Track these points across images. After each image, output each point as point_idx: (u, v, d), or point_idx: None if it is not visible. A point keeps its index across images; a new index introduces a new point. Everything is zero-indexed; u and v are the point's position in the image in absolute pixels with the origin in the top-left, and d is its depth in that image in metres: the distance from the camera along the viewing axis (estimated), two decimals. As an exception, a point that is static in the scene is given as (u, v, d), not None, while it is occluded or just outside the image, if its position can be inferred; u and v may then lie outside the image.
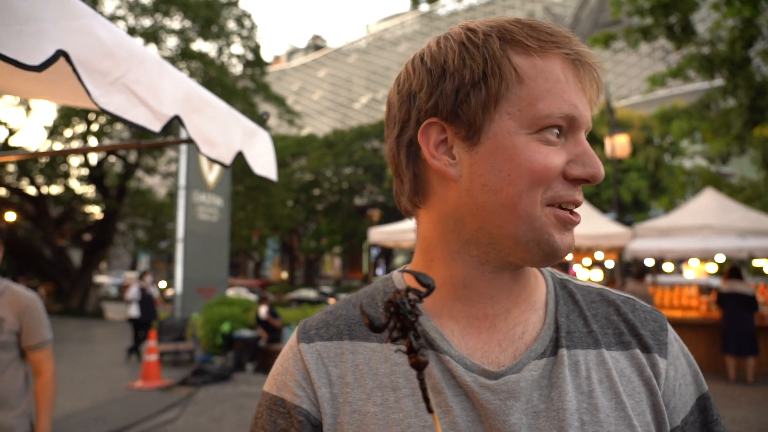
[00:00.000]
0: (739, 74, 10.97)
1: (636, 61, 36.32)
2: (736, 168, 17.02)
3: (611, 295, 0.73)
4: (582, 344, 0.67)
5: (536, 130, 0.62)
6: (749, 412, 6.30)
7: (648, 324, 0.70)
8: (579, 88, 0.64)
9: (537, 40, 0.64)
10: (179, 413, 6.65)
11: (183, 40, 19.89)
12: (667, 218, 9.43)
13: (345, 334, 0.70)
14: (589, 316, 0.69)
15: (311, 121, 50.13)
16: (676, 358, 0.69)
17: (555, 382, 0.63)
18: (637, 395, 0.65)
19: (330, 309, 0.74)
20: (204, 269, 13.11)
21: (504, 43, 0.64)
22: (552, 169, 0.62)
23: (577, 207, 0.66)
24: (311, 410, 0.67)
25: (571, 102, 0.63)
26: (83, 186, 22.96)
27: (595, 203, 17.90)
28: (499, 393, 0.62)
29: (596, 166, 0.64)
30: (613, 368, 0.65)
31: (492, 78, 0.63)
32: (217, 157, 1.76)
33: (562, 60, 0.64)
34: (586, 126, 0.65)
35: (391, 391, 0.65)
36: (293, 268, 37.23)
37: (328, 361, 0.68)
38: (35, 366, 2.28)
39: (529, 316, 0.68)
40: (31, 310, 2.23)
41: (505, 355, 0.66)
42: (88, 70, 1.17)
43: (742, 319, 7.89)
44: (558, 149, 0.63)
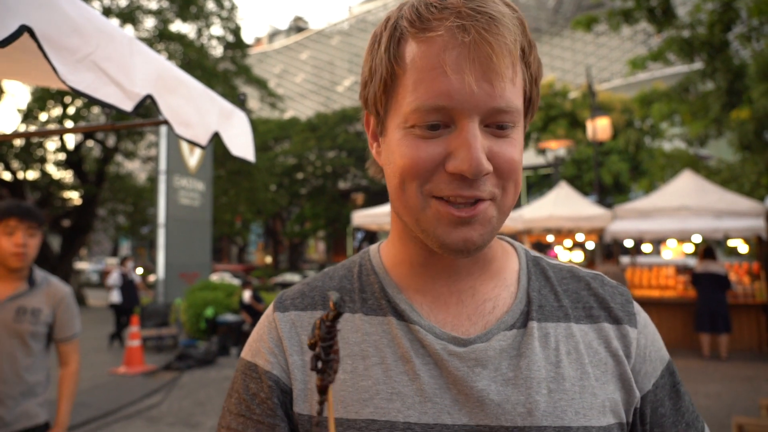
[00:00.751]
0: (717, 57, 11.09)
1: (618, 44, 36.46)
2: (714, 150, 17.30)
3: (581, 272, 0.76)
4: (552, 318, 0.69)
5: (410, 124, 0.61)
6: (722, 387, 6.51)
7: (616, 297, 0.73)
8: (460, 69, 0.57)
9: (420, 21, 0.60)
10: (163, 398, 6.64)
11: (161, 21, 19.40)
12: (646, 200, 9.57)
13: (319, 305, 0.72)
14: (560, 291, 0.72)
15: (294, 105, 49.55)
16: (644, 327, 0.71)
17: (524, 352, 0.65)
18: (603, 366, 0.67)
19: (307, 281, 0.77)
20: (186, 254, 12.99)
21: (395, 32, 0.62)
22: (420, 164, 0.60)
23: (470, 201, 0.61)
24: (281, 376, 0.68)
25: (442, 91, 0.58)
26: (61, 171, 22.47)
27: (577, 185, 18.09)
28: (467, 360, 0.64)
29: (467, 161, 0.58)
30: (581, 341, 0.68)
31: (381, 70, 0.63)
32: (193, 138, 1.73)
33: (445, 38, 0.58)
34: (474, 112, 0.58)
35: (360, 360, 0.67)
36: (277, 253, 37.10)
37: (301, 330, 0.70)
38: (62, 357, 2.35)
39: (500, 292, 0.71)
40: (65, 303, 2.29)
41: (475, 327, 0.68)
42: (54, 47, 1.14)
43: (715, 297, 8.11)
44: (435, 141, 0.60)
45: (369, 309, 0.70)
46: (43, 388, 2.25)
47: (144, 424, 5.64)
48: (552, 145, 16.07)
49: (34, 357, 2.19)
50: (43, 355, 2.26)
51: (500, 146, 0.61)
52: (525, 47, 0.61)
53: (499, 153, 0.61)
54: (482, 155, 0.58)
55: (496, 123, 0.60)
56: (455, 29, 0.57)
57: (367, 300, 0.71)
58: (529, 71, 0.63)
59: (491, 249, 0.71)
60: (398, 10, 0.64)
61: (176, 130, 1.64)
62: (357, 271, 0.75)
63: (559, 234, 10.68)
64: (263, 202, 25.62)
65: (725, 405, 5.76)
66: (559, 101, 20.52)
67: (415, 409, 0.63)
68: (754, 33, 10.62)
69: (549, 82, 21.24)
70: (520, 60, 0.61)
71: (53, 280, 2.30)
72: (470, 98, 0.58)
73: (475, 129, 0.59)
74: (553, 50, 39.61)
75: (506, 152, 0.61)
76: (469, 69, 0.57)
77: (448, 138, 0.60)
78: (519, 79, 0.61)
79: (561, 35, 40.20)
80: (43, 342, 2.25)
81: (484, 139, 0.60)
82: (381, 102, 0.65)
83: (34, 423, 2.18)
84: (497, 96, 0.58)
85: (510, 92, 0.59)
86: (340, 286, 0.74)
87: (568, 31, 38.32)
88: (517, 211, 10.17)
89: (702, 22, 10.93)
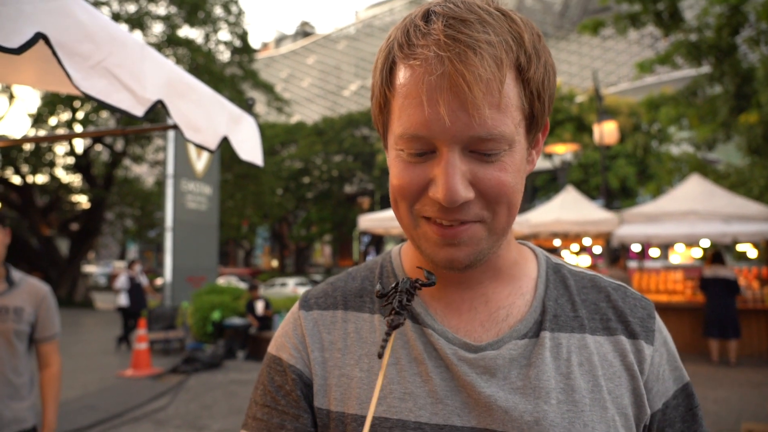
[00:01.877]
0: (725, 61, 11.04)
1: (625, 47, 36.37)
2: (722, 154, 17.19)
3: (603, 282, 0.75)
4: (566, 328, 0.68)
5: (399, 148, 0.63)
6: (731, 393, 6.45)
7: (637, 311, 0.71)
8: (435, 101, 0.57)
9: (407, 45, 0.60)
10: (170, 400, 6.67)
11: (169, 26, 19.58)
12: (654, 204, 9.52)
13: (340, 305, 0.75)
14: (578, 301, 0.71)
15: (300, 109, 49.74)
16: (661, 345, 0.70)
17: (534, 361, 0.65)
18: (617, 379, 0.66)
19: (331, 281, 0.80)
20: (193, 258, 13.05)
21: (389, 54, 0.63)
22: (407, 186, 0.62)
23: (458, 222, 0.61)
24: (304, 370, 0.71)
25: (420, 122, 0.59)
26: (69, 175, 22.67)
27: (584, 190, 18.04)
28: (476, 367, 0.65)
29: (442, 191, 0.59)
30: (595, 352, 0.67)
31: (376, 93, 0.66)
32: (202, 143, 1.75)
33: (424, 68, 0.58)
34: (452, 142, 0.59)
35: (377, 359, 0.69)
36: (283, 257, 37.17)
37: (322, 328, 0.73)
38: (43, 358, 2.30)
39: (515, 300, 0.71)
40: (47, 302, 2.27)
41: (488, 334, 0.68)
42: (68, 53, 1.16)
43: (724, 302, 8.04)
44: (421, 166, 0.61)
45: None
46: (28, 390, 2.21)
47: (151, 426, 5.66)
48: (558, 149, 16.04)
49: (19, 358, 2.16)
50: (27, 356, 2.23)
51: (486, 171, 0.60)
52: (523, 63, 0.59)
53: (484, 178, 0.60)
54: (458, 184, 0.58)
55: (480, 150, 0.59)
56: (432, 59, 0.57)
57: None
58: (529, 87, 0.61)
59: (504, 256, 0.71)
60: (396, 29, 0.64)
61: (186, 134, 1.66)
62: (378, 273, 0.77)
63: (565, 238, 10.64)
64: (270, 206, 25.72)
65: (734, 411, 5.71)
66: (566, 105, 20.49)
67: (427, 409, 0.64)
68: (763, 36, 10.56)
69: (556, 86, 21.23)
70: (515, 79, 0.60)
71: (32, 280, 2.27)
72: (446, 129, 0.58)
73: (454, 158, 0.59)
74: (560, 54, 39.55)
75: (492, 177, 0.60)
76: (443, 100, 0.57)
77: (432, 163, 0.61)
78: (511, 100, 0.59)
79: (567, 39, 40.15)
80: (26, 342, 2.21)
81: (468, 165, 0.60)
82: (379, 121, 0.68)
83: (21, 428, 2.15)
84: (476, 125, 0.57)
85: (493, 119, 0.58)
86: (361, 287, 0.76)
87: (574, 35, 38.25)
88: (524, 216, 10.15)
89: (710, 26, 10.89)
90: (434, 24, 0.58)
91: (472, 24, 0.57)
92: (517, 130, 0.61)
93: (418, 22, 0.60)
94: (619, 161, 19.47)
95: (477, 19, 0.58)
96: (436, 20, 0.58)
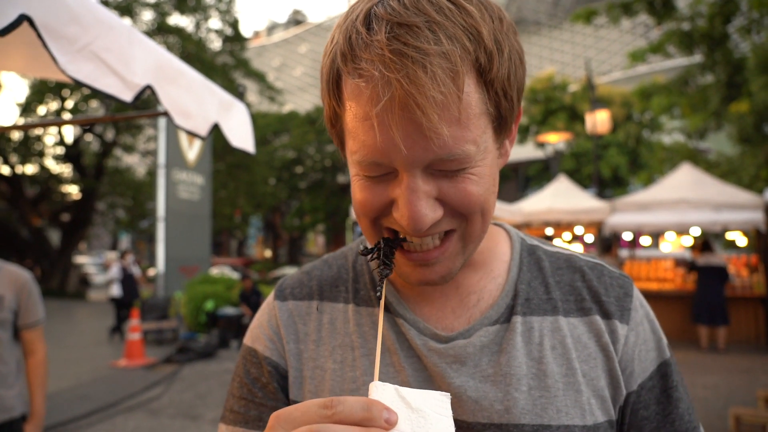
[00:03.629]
0: (717, 50, 11.06)
1: (617, 36, 36.34)
2: (713, 144, 17.29)
3: (579, 262, 0.72)
4: (539, 311, 0.67)
5: (356, 171, 0.59)
6: (720, 379, 6.54)
7: (613, 290, 0.69)
8: (387, 128, 0.52)
9: (351, 56, 0.54)
10: (164, 390, 6.67)
11: (159, 13, 19.32)
12: (645, 193, 9.58)
13: (315, 295, 0.74)
14: (551, 283, 0.69)
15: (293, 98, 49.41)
16: (638, 324, 0.68)
17: (505, 348, 0.64)
18: (592, 361, 0.65)
19: (307, 269, 0.78)
20: (186, 248, 13.00)
21: (334, 64, 0.57)
22: (369, 206, 0.59)
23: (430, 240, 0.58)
24: (280, 362, 0.71)
25: (375, 148, 0.54)
26: (59, 165, 22.43)
27: (576, 179, 18.10)
28: (445, 357, 0.64)
29: (406, 218, 0.55)
30: (569, 335, 0.66)
31: (325, 106, 0.60)
32: (193, 129, 1.73)
33: (371, 89, 0.52)
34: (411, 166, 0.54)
35: (350, 350, 0.68)
36: (276, 246, 37.11)
37: (297, 319, 0.72)
38: (28, 345, 2.28)
39: (486, 284, 0.69)
40: (28, 289, 2.23)
41: (459, 321, 0.67)
42: (53, 36, 1.14)
43: (715, 290, 8.14)
44: (383, 185, 0.57)
45: (360, 300, 0.71)
46: (14, 378, 2.19)
47: (145, 416, 5.66)
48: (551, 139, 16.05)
49: (3, 346, 2.14)
50: (12, 344, 2.21)
51: (453, 186, 0.56)
52: (483, 64, 0.53)
53: (452, 193, 0.56)
54: (423, 209, 0.55)
55: (445, 169, 0.55)
56: (380, 81, 0.51)
57: (359, 290, 0.72)
58: (493, 88, 0.55)
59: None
60: (338, 30, 0.57)
61: (176, 120, 1.64)
62: (352, 260, 0.76)
63: (558, 227, 10.69)
64: (262, 196, 25.62)
65: (723, 396, 5.80)
66: (559, 94, 20.49)
67: None
68: (755, 25, 10.59)
69: (548, 75, 21.19)
70: (476, 83, 0.54)
71: (10, 267, 2.23)
72: (403, 156, 0.53)
73: (415, 182, 0.54)
74: (553, 43, 39.47)
75: (460, 191, 0.56)
76: (395, 127, 0.52)
77: (394, 184, 0.57)
78: (473, 110, 0.54)
79: (560, 28, 40.05)
80: (10, 330, 2.19)
81: (432, 183, 0.56)
82: (332, 134, 0.63)
83: (10, 416, 2.13)
84: (435, 148, 0.52)
85: (454, 138, 0.53)
86: (337, 275, 0.75)
87: (567, 24, 38.16)
88: (517, 204, 10.18)
89: (702, 15, 10.90)
90: (377, 34, 0.51)
91: (420, 31, 0.50)
92: (482, 138, 0.56)
93: (360, 28, 0.53)
94: (611, 150, 19.54)
95: (425, 23, 0.51)
96: (378, 28, 0.51)
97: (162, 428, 5.25)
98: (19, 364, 2.27)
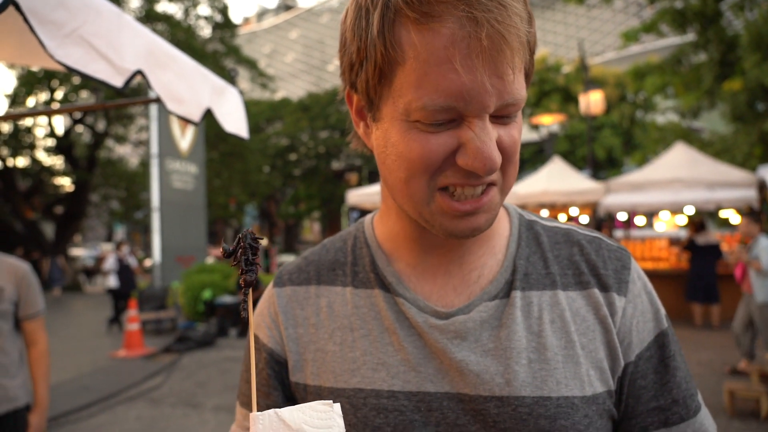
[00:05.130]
0: (710, 28, 11.02)
1: (610, 16, 36.12)
2: (707, 123, 17.31)
3: (577, 236, 0.72)
4: (538, 286, 0.67)
5: (414, 119, 0.57)
6: (714, 355, 6.64)
7: (611, 263, 0.69)
8: (473, 67, 0.52)
9: (419, 2, 0.53)
10: (164, 379, 6.71)
11: (147, 1, 19.03)
12: (639, 173, 9.61)
13: (313, 279, 0.75)
14: (550, 257, 0.70)
15: (285, 85, 49.01)
16: (636, 296, 0.68)
17: (505, 322, 0.65)
18: (591, 333, 0.66)
19: (306, 254, 0.79)
20: (181, 238, 12.97)
21: (388, 12, 0.55)
22: (431, 158, 0.58)
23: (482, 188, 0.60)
24: (275, 348, 0.73)
25: (453, 91, 0.53)
26: (51, 157, 22.24)
27: (570, 161, 18.11)
28: (446, 333, 0.65)
29: (481, 160, 0.56)
30: (567, 308, 0.66)
31: (374, 56, 0.57)
32: (185, 114, 1.72)
33: (453, 30, 0.52)
34: (487, 110, 0.55)
35: (349, 332, 0.69)
36: (272, 234, 37.08)
37: (295, 304, 0.74)
38: (29, 336, 2.29)
39: (487, 261, 0.70)
40: (27, 280, 2.24)
41: (460, 298, 0.68)
42: (40, 21, 1.12)
43: (710, 268, 8.24)
44: (445, 134, 0.57)
45: (359, 282, 0.72)
46: (17, 368, 2.21)
47: (146, 405, 5.70)
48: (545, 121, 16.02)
49: (4, 337, 2.16)
50: (14, 335, 2.23)
51: (506, 133, 0.59)
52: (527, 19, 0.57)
53: (505, 140, 0.59)
54: (494, 151, 0.56)
55: (504, 114, 0.58)
56: (465, 20, 0.51)
57: (358, 273, 0.73)
58: (529, 48, 0.58)
59: None
60: None
61: (168, 106, 1.62)
62: (351, 244, 0.76)
63: (553, 208, 10.72)
64: (257, 184, 25.52)
65: (716, 371, 5.88)
66: (552, 76, 20.41)
67: (399, 377, 0.65)
68: (747, 2, 10.54)
69: (542, 56, 21.08)
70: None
71: (10, 259, 2.24)
72: (484, 98, 0.54)
73: (486, 124, 0.56)
74: (546, 24, 39.20)
75: (511, 139, 0.59)
76: (482, 66, 0.52)
77: (458, 130, 0.57)
78: (522, 61, 0.57)
79: (553, 8, 39.75)
80: (11, 321, 2.20)
81: (494, 129, 0.57)
82: (375, 90, 0.60)
83: (15, 406, 2.16)
84: (507, 91, 0.55)
85: (518, 83, 0.56)
86: (335, 259, 0.76)
87: (560, 4, 37.86)
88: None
89: (695, -8, 10.83)
90: None
91: None
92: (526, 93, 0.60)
93: None
94: (605, 131, 19.54)
95: None
96: None
97: (163, 417, 5.29)
98: (22, 354, 2.28)
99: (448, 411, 0.64)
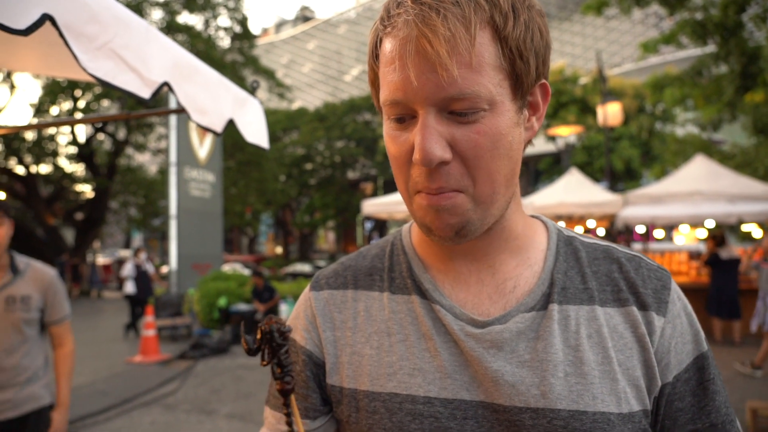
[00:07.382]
0: (731, 40, 10.88)
1: (629, 28, 35.90)
2: (728, 135, 17.06)
3: (617, 253, 0.72)
4: (575, 300, 0.67)
5: (386, 117, 0.65)
6: (735, 372, 6.48)
7: (650, 282, 0.69)
8: (404, 64, 0.59)
9: (387, 18, 0.62)
10: (179, 385, 6.75)
11: (168, 12, 19.44)
12: (658, 185, 9.48)
13: (350, 284, 0.76)
14: (588, 273, 0.70)
15: (302, 95, 49.49)
16: (675, 317, 0.68)
17: (542, 334, 0.65)
18: (628, 350, 0.65)
19: (343, 260, 0.81)
20: (198, 245, 13.11)
21: (377, 31, 0.65)
22: (396, 156, 0.64)
23: (440, 191, 0.61)
24: (314, 351, 0.74)
25: (395, 86, 0.60)
26: (73, 165, 22.70)
27: (588, 172, 17.95)
28: (483, 342, 0.65)
29: (419, 150, 0.59)
30: (605, 324, 0.66)
31: (369, 71, 0.68)
32: (209, 125, 1.75)
33: (396, 35, 0.60)
34: (425, 103, 0.59)
35: (386, 336, 0.70)
36: (287, 243, 37.29)
37: (333, 308, 0.75)
38: (56, 339, 2.37)
39: (522, 272, 0.70)
40: (53, 287, 2.30)
41: (495, 307, 0.68)
42: (74, 35, 1.15)
43: (733, 283, 8.09)
44: (405, 133, 0.63)
45: (396, 288, 0.73)
46: (43, 371, 2.29)
47: (161, 411, 5.74)
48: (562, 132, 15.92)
49: (31, 343, 2.22)
50: (40, 339, 2.29)
51: (463, 132, 0.59)
52: (498, 22, 0.59)
53: (461, 140, 0.59)
54: (433, 143, 0.58)
55: (456, 111, 0.59)
56: (401, 25, 0.59)
57: (395, 279, 0.74)
58: (508, 46, 0.59)
59: (510, 228, 0.70)
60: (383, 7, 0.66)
61: (193, 116, 1.65)
62: (389, 251, 0.78)
63: (570, 220, 10.63)
64: (273, 193, 25.73)
65: (739, 390, 5.74)
66: (570, 87, 20.30)
67: (435, 384, 0.65)
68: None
69: (559, 68, 21.00)
70: (492, 38, 0.59)
71: (37, 265, 2.30)
72: (416, 91, 0.58)
73: (429, 118, 0.59)
74: (563, 35, 39.11)
75: (468, 138, 0.59)
76: (411, 63, 0.58)
77: (413, 129, 0.62)
78: (486, 59, 0.58)
79: (571, 20, 39.66)
80: (37, 327, 2.26)
81: (445, 126, 0.60)
82: (374, 96, 0.70)
83: (40, 405, 2.24)
84: (446, 85, 0.57)
85: (465, 79, 0.57)
86: (371, 265, 0.77)
87: (578, 15, 37.77)
88: (528, 198, 10.14)
89: (715, 4, 10.73)
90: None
91: None
92: (497, 90, 0.59)
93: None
94: (623, 143, 19.34)
95: None
96: None
97: (178, 423, 5.32)
98: (47, 358, 2.34)
99: (483, 420, 0.64)
